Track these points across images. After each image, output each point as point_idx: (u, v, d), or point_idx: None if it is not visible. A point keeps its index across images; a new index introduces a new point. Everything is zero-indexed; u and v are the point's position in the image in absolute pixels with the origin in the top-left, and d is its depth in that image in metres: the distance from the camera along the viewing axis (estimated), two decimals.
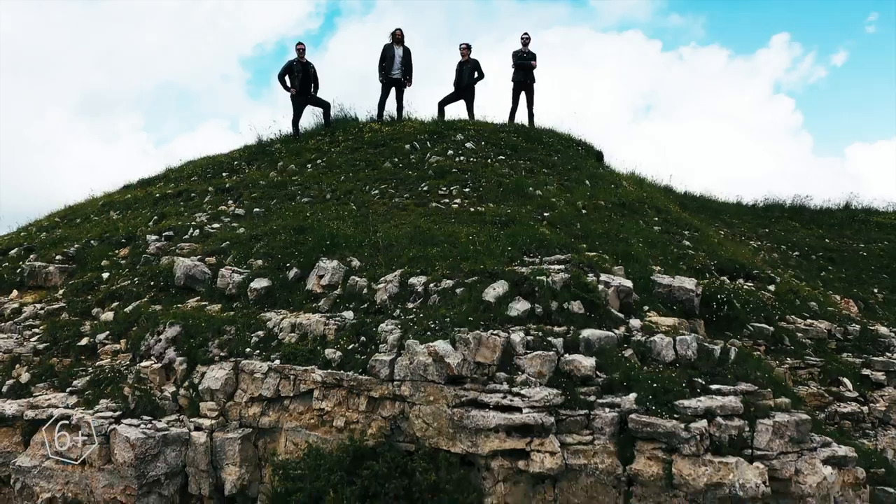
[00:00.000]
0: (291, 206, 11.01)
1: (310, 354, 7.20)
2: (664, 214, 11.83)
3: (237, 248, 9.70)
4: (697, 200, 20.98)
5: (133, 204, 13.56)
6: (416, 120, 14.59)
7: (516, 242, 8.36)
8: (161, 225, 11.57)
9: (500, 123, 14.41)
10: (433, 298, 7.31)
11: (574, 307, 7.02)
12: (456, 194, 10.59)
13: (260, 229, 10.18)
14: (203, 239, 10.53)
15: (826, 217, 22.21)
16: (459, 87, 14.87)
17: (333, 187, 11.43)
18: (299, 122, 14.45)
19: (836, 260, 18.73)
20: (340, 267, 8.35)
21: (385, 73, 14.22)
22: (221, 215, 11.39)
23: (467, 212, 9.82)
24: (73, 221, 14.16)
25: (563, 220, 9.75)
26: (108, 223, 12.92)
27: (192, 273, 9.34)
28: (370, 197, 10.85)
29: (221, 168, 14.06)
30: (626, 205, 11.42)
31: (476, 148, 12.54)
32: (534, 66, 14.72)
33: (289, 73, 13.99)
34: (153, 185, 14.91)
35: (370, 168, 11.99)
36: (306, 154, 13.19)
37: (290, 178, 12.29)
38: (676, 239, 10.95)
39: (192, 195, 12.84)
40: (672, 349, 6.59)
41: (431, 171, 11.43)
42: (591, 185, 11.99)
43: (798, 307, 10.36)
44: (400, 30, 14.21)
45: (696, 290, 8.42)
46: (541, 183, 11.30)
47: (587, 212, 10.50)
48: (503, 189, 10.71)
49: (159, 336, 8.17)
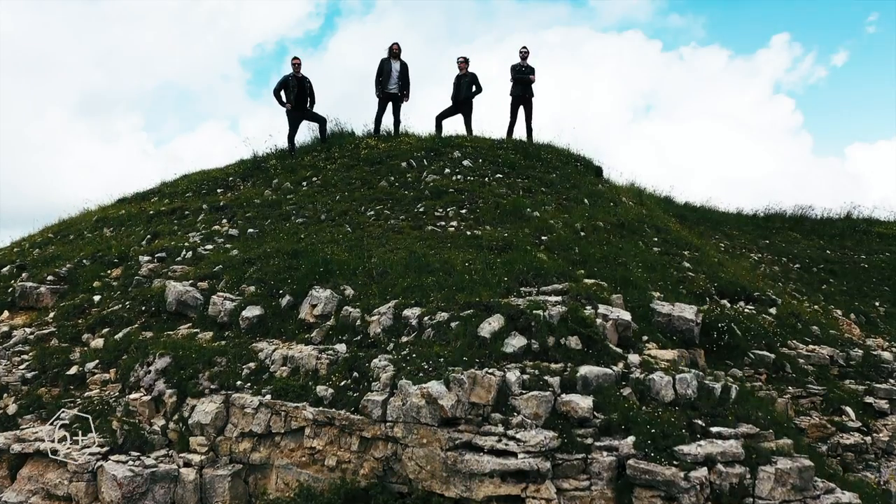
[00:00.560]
0: (286, 227, 10.86)
1: (301, 390, 7.04)
2: (664, 234, 11.68)
3: (230, 273, 9.54)
4: (697, 211, 20.84)
5: (126, 221, 13.40)
6: (413, 135, 14.43)
7: (513, 271, 8.20)
8: (154, 245, 11.41)
9: (498, 139, 14.26)
10: (427, 332, 7.15)
11: (571, 343, 6.87)
12: (452, 216, 10.44)
13: (253, 252, 10.02)
14: (196, 261, 10.38)
15: (827, 227, 22.06)
16: (457, 101, 14.71)
17: (328, 207, 11.27)
18: (295, 138, 14.29)
19: (838, 272, 18.60)
20: (333, 296, 8.19)
21: (381, 87, 14.08)
22: (215, 235, 11.23)
23: (464, 235, 9.66)
24: (67, 237, 14.00)
25: (560, 245, 9.60)
26: (101, 241, 12.77)
27: (183, 299, 9.19)
28: (365, 218, 10.70)
29: (216, 184, 13.90)
30: (625, 225, 11.27)
31: (473, 166, 12.38)
32: (532, 80, 14.57)
33: (284, 88, 13.82)
34: (147, 201, 14.74)
35: (366, 187, 11.83)
36: (301, 171, 13.03)
37: (286, 196, 12.13)
38: (676, 260, 10.79)
39: (185, 213, 12.68)
40: (671, 388, 6.43)
41: (428, 190, 11.27)
42: (590, 205, 11.84)
43: (800, 331, 10.20)
44: (397, 44, 14.09)
45: (695, 319, 8.27)
46: (539, 203, 11.14)
47: (585, 234, 10.35)
48: (500, 211, 10.55)
49: (149, 367, 8.01)
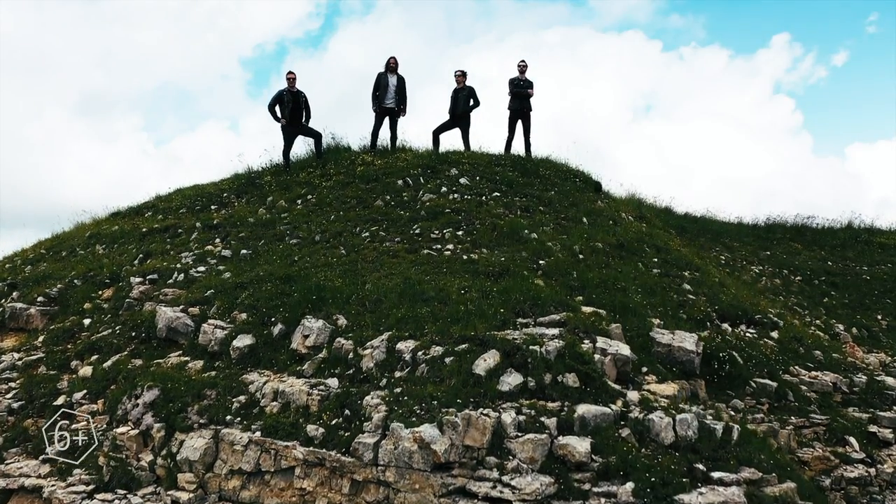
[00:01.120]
0: (279, 248, 10.68)
1: (292, 428, 6.86)
2: (664, 254, 11.50)
3: (221, 298, 9.37)
4: (698, 222, 20.68)
5: (119, 238, 13.24)
6: (410, 151, 14.24)
7: (509, 301, 8.02)
8: (146, 266, 11.24)
9: (495, 154, 14.07)
10: (421, 368, 6.97)
11: (569, 380, 6.68)
12: (449, 238, 10.25)
13: (246, 275, 9.85)
14: (188, 284, 10.21)
15: (828, 237, 21.90)
16: (454, 115, 14.52)
17: (323, 228, 11.09)
18: (290, 153, 14.10)
19: (839, 285, 18.45)
20: (326, 327, 8.01)
21: (378, 102, 13.90)
22: (208, 256, 11.05)
23: (460, 260, 9.48)
24: (59, 254, 13.85)
25: (558, 269, 9.41)
26: (94, 259, 12.62)
27: (174, 326, 9.03)
28: (360, 240, 10.51)
29: (210, 200, 13.72)
30: (624, 245, 11.09)
31: (471, 184, 12.20)
32: (531, 94, 14.37)
33: (279, 103, 13.64)
34: (141, 216, 14.58)
35: (361, 206, 11.65)
36: (297, 189, 12.85)
37: (280, 215, 11.95)
38: (676, 282, 10.61)
39: (179, 231, 12.52)
40: (671, 430, 6.25)
41: (424, 211, 11.09)
42: (589, 224, 11.66)
43: (802, 356, 10.03)
44: (394, 58, 13.91)
45: (696, 349, 8.09)
46: (537, 224, 10.96)
47: (584, 256, 10.17)
48: (497, 233, 10.37)
49: (137, 400, 7.83)
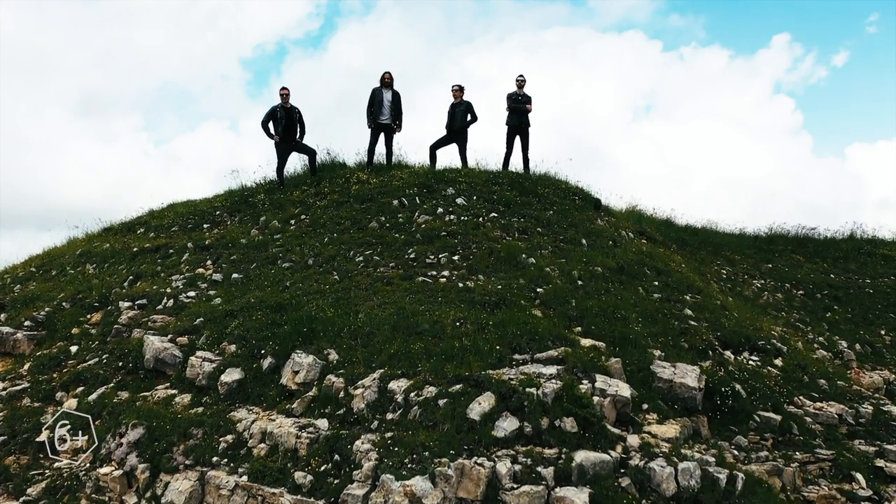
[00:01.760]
0: (271, 273, 10.44)
1: (279, 474, 6.61)
2: (664, 277, 11.25)
3: (211, 327, 9.13)
4: (698, 234, 20.45)
5: (110, 257, 13.01)
6: (407, 168, 14.02)
7: (506, 335, 7.77)
8: (135, 289, 11.01)
9: (493, 171, 13.83)
10: (414, 411, 6.72)
11: (567, 424, 6.44)
12: (444, 263, 10.00)
13: (236, 302, 9.62)
14: (177, 311, 9.97)
15: (830, 249, 21.65)
16: (451, 131, 14.30)
17: (316, 251, 10.84)
18: (284, 170, 13.86)
19: (842, 298, 18.24)
20: (316, 363, 7.77)
21: (374, 118, 13.66)
22: (198, 280, 10.81)
23: (455, 287, 9.23)
24: (49, 273, 13.63)
25: (556, 298, 9.17)
26: (83, 279, 12.40)
27: (161, 357, 8.79)
28: (354, 265, 10.27)
29: (203, 218, 13.49)
30: (624, 269, 10.85)
31: (467, 204, 11.95)
32: (529, 109, 14.14)
33: (272, 120, 13.41)
34: (133, 233, 14.35)
35: (355, 228, 11.40)
36: (290, 208, 12.61)
37: (273, 236, 11.71)
38: (677, 308, 10.36)
39: (170, 252, 12.27)
40: (673, 480, 6.01)
41: (419, 233, 10.83)
42: (588, 246, 11.41)
43: (807, 385, 9.77)
44: (388, 73, 13.68)
45: (698, 385, 7.85)
46: (535, 247, 10.71)
47: (583, 283, 9.92)
48: (494, 258, 10.12)
49: (121, 439, 7.58)
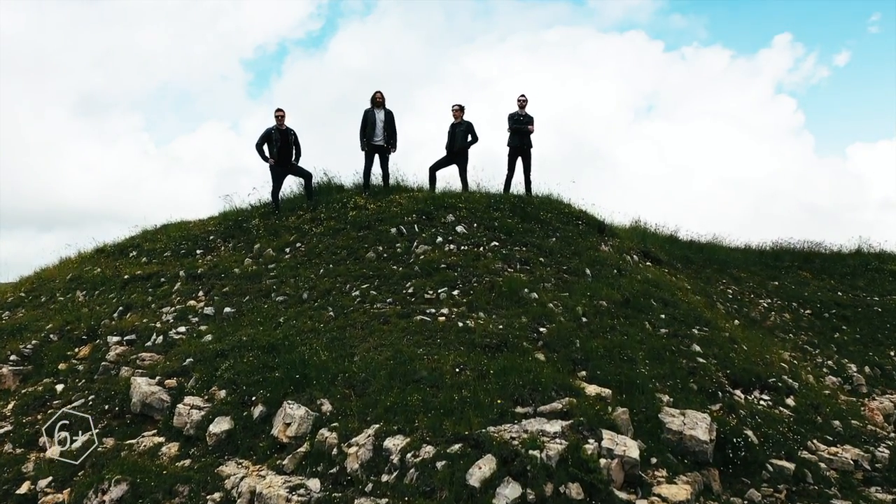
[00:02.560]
0: (264, 308, 10.08)
1: None
2: (671, 309, 10.88)
3: (200, 368, 8.79)
4: (703, 251, 20.09)
5: (100, 284, 12.67)
6: (405, 190, 13.68)
7: (507, 386, 7.41)
8: (125, 322, 10.68)
9: (494, 194, 13.48)
10: (410, 474, 6.36)
11: (572, 491, 6.08)
12: (444, 300, 9.64)
13: (228, 340, 9.27)
14: (166, 348, 9.63)
15: (837, 265, 21.31)
16: (451, 152, 13.95)
17: (311, 284, 10.49)
18: (279, 194, 13.49)
19: (850, 318, 17.90)
20: (309, 415, 7.41)
21: (367, 139, 13.28)
22: (189, 313, 10.46)
23: (455, 327, 8.87)
24: (38, 299, 13.31)
25: (560, 338, 8.81)
26: (73, 308, 12.08)
27: (148, 402, 8.46)
28: (350, 300, 9.90)
29: (196, 243, 13.14)
30: (629, 301, 10.49)
31: (468, 232, 11.59)
32: (531, 130, 13.79)
33: (267, 142, 13.04)
34: (125, 257, 14.01)
35: (352, 258, 11.04)
36: (285, 235, 12.25)
37: (267, 266, 11.36)
38: (685, 343, 10.00)
39: (161, 280, 11.93)
40: None
41: (418, 265, 10.47)
42: (593, 276, 11.05)
43: (820, 427, 9.40)
44: (380, 92, 13.26)
45: (708, 438, 7.50)
46: (537, 280, 10.35)
47: (587, 319, 9.56)
48: (495, 293, 9.76)
49: (103, 496, 7.23)
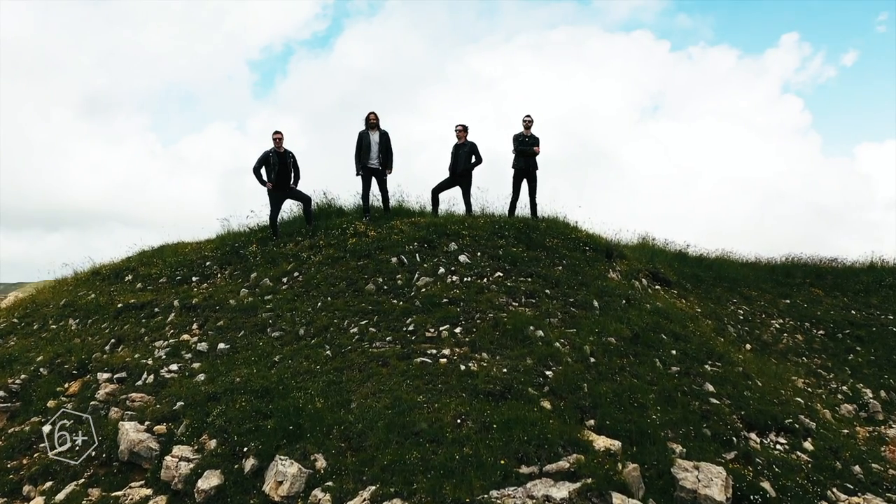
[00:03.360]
0: (259, 345, 9.72)
1: None
2: (682, 343, 10.46)
3: (191, 413, 8.43)
4: (712, 268, 19.67)
5: (94, 312, 12.35)
6: (406, 212, 13.31)
7: (511, 442, 7.02)
8: (116, 357, 10.34)
9: (498, 218, 13.07)
10: None
11: None
12: (445, 338, 9.25)
13: (221, 381, 8.92)
14: (157, 389, 9.28)
15: (850, 281, 20.87)
16: (454, 173, 13.57)
17: (308, 319, 10.12)
18: (277, 219, 13.12)
19: (865, 338, 17.48)
20: (302, 472, 7.03)
21: (362, 162, 12.89)
22: (182, 349, 10.11)
23: (457, 371, 8.48)
24: (31, 326, 13.01)
25: (567, 383, 8.41)
26: (65, 337, 11.79)
27: (136, 450, 8.10)
28: (348, 338, 9.52)
29: (192, 270, 12.80)
30: (639, 337, 10.08)
31: (471, 262, 11.19)
32: (536, 152, 13.39)
33: (265, 165, 12.68)
34: (120, 282, 13.69)
35: (351, 291, 10.66)
36: (283, 263, 11.89)
37: (263, 298, 11.00)
38: (698, 382, 9.58)
39: (155, 310, 11.59)
40: None
41: (419, 300, 10.09)
42: (601, 309, 10.64)
43: (839, 473, 8.96)
44: (374, 113, 12.84)
45: (724, 497, 7.08)
46: (543, 315, 9.95)
47: (596, 359, 9.16)
48: (500, 332, 9.36)
49: None
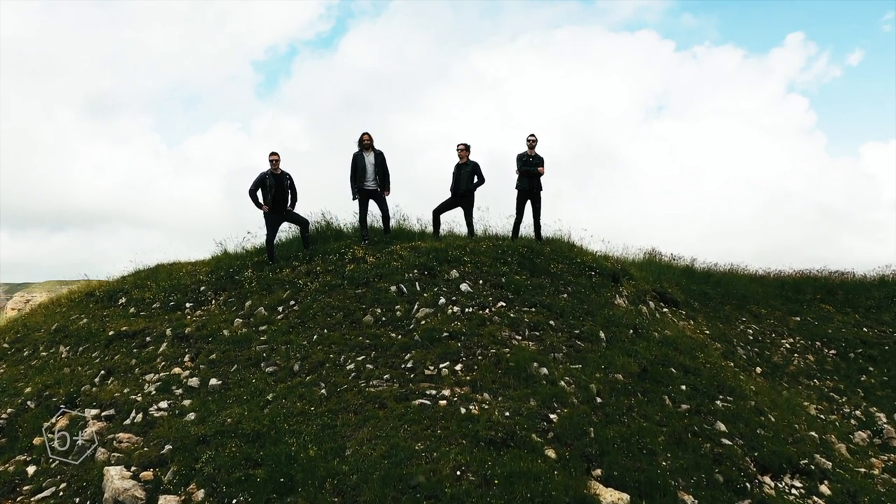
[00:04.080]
0: (252, 382, 9.36)
1: None
2: (692, 377, 10.06)
3: (179, 458, 8.06)
4: (720, 284, 19.30)
5: (85, 339, 12.03)
6: (407, 234, 12.93)
7: (514, 500, 6.64)
8: (105, 391, 10.01)
9: (502, 242, 12.67)
10: None
11: None
12: (445, 376, 8.87)
13: (211, 422, 8.56)
14: (145, 429, 8.92)
15: (861, 297, 20.45)
16: (456, 194, 13.19)
17: (303, 353, 9.75)
18: (274, 242, 12.74)
19: (877, 358, 17.13)
20: None
21: (357, 185, 12.52)
22: (173, 384, 9.76)
23: (457, 414, 8.09)
24: (21, 353, 12.70)
25: (573, 428, 8.02)
26: (54, 367, 11.50)
27: (121, 499, 7.73)
28: (344, 375, 9.15)
29: (186, 295, 12.45)
30: (647, 371, 9.69)
31: (473, 291, 10.81)
32: (541, 172, 13.00)
33: (261, 188, 12.32)
34: (113, 305, 13.36)
35: (348, 322, 10.29)
36: (278, 291, 11.51)
37: (258, 328, 10.64)
38: (709, 422, 9.19)
39: (147, 340, 11.25)
40: None
41: (418, 334, 9.70)
42: (607, 341, 10.24)
43: None
44: (367, 134, 12.45)
45: None
46: (547, 350, 9.57)
47: (602, 399, 8.77)
48: (502, 369, 8.98)
49: None
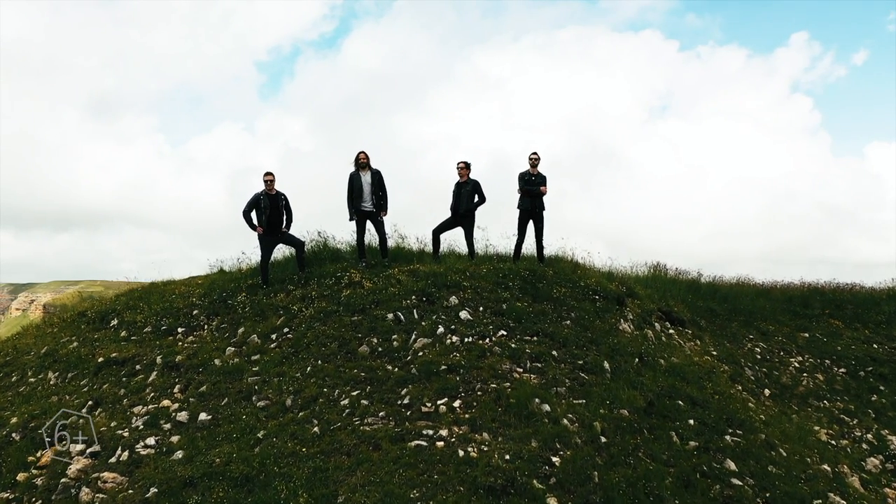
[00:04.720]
0: (243, 417, 9.01)
1: None
2: (700, 410, 9.68)
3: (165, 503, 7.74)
4: (727, 300, 18.87)
5: (74, 365, 11.71)
6: (406, 255, 12.58)
7: None
8: (93, 424, 9.66)
9: (503, 266, 12.29)
10: None
11: None
12: (444, 414, 8.51)
13: (199, 462, 8.22)
14: (131, 468, 8.58)
15: (871, 312, 20.02)
16: (457, 213, 12.83)
17: (296, 387, 9.40)
18: (268, 265, 12.38)
19: (889, 376, 16.70)
20: None
21: (355, 206, 12.17)
22: (161, 418, 9.42)
23: (455, 458, 7.73)
24: (9, 378, 12.37)
25: (576, 473, 7.65)
26: (42, 394, 11.17)
27: None
28: (338, 412, 8.80)
29: (178, 320, 12.11)
30: (653, 405, 9.33)
31: (473, 319, 10.45)
32: (543, 191, 12.62)
33: (255, 209, 11.97)
34: (105, 328, 13.03)
35: (343, 353, 9.94)
36: (272, 317, 11.17)
37: (250, 358, 10.30)
38: (718, 459, 8.81)
39: (137, 368, 10.91)
40: None
41: (416, 367, 9.35)
42: (612, 372, 9.87)
43: None
44: (364, 153, 12.11)
45: None
46: (550, 384, 9.20)
47: (607, 439, 8.40)
48: (502, 406, 8.62)
49: None
